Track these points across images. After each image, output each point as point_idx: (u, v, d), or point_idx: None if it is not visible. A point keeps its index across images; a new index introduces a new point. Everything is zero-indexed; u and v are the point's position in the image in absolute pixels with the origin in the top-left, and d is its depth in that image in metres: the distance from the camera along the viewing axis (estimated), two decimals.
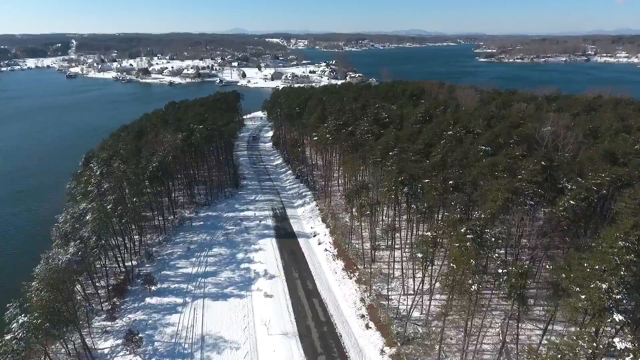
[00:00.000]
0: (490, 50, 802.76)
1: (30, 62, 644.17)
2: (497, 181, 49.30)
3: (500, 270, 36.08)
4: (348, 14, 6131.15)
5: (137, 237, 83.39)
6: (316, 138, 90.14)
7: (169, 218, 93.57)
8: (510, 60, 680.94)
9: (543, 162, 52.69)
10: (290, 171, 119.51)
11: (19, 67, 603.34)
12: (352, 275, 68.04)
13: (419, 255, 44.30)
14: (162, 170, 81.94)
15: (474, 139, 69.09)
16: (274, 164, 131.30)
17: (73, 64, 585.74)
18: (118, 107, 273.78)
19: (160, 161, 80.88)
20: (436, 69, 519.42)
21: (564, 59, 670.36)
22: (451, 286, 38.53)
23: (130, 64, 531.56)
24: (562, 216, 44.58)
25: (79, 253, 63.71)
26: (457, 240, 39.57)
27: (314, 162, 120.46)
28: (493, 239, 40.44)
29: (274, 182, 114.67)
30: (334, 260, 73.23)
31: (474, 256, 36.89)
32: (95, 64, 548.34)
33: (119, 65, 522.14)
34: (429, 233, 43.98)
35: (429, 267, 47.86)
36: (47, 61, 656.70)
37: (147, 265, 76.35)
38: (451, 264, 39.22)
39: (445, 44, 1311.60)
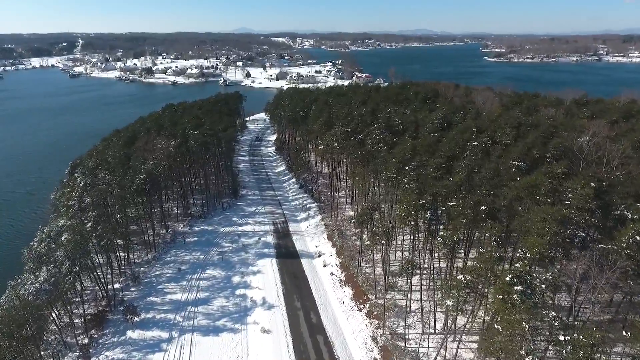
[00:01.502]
0: (498, 50, 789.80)
1: (35, 62, 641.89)
2: (540, 208, 40.53)
3: (561, 337, 27.54)
4: (354, 14, 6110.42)
5: (124, 254, 75.89)
6: (322, 147, 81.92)
7: (161, 232, 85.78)
8: (520, 60, 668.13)
9: (592, 184, 43.90)
10: (293, 179, 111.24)
11: (23, 66, 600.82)
12: (362, 306, 59.62)
13: (448, 303, 35.79)
14: (150, 183, 73.92)
15: (502, 151, 60.25)
16: (277, 170, 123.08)
17: (77, 64, 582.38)
18: (116, 108, 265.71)
19: (149, 172, 72.86)
20: (444, 69, 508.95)
21: (575, 59, 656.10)
22: (494, 353, 30.00)
23: (134, 64, 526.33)
24: (627, 255, 35.92)
25: (52, 280, 56.18)
26: (500, 291, 31.07)
27: (319, 170, 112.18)
28: (543, 286, 31.82)
29: (276, 191, 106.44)
30: (341, 287, 64.83)
31: (526, 316, 28.35)
32: (99, 64, 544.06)
33: (123, 65, 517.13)
34: (462, 277, 35.51)
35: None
36: (52, 60, 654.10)
37: (133, 289, 68.50)
38: (495, 325, 30.72)
39: (452, 43, 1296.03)
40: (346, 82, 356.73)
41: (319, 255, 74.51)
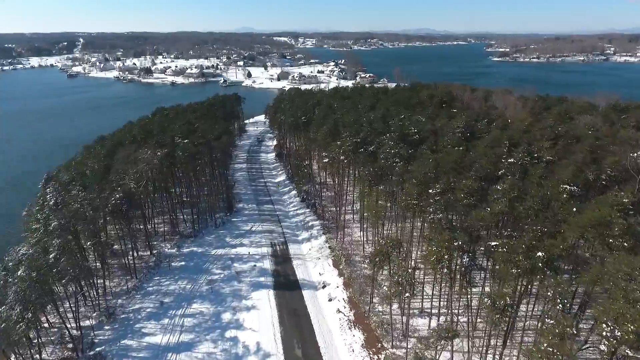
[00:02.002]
0: (503, 50, 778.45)
1: (34, 61, 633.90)
2: (619, 258, 30.21)
3: None
4: (356, 13, 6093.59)
5: (102, 280, 66.35)
6: (327, 160, 71.93)
7: (144, 255, 75.99)
8: (526, 59, 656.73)
9: None
10: (294, 191, 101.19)
11: (21, 65, 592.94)
12: (375, 357, 49.58)
13: None
14: (128, 202, 63.99)
15: (544, 170, 50.02)
16: (276, 180, 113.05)
17: (77, 63, 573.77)
18: (108, 110, 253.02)
19: (127, 192, 62.92)
20: (449, 69, 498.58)
21: (581, 59, 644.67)
22: None
23: (134, 63, 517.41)
24: None
25: (2, 325, 46.51)
26: None
27: (322, 180, 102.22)
28: None
29: (275, 205, 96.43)
30: (350, 328, 54.80)
31: None
32: (98, 63, 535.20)
33: (122, 65, 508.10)
34: None
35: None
36: (51, 60, 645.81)
37: (107, 327, 58.67)
38: None
39: (455, 43, 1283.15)
40: (350, 83, 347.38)
41: (324, 286, 64.50)
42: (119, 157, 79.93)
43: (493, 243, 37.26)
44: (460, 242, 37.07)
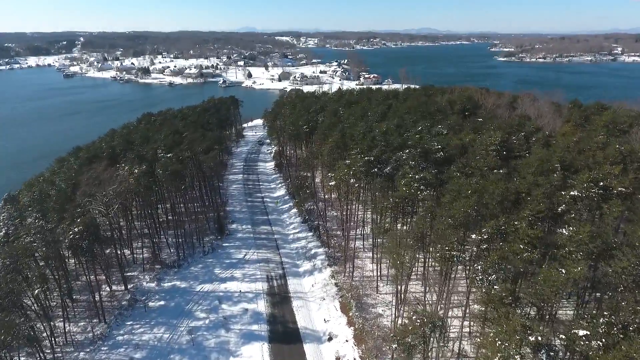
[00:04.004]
0: (509, 49, 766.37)
1: (32, 61, 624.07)
2: None
3: None
4: (359, 13, 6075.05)
5: (63, 323, 55.25)
6: (333, 182, 60.30)
7: (117, 292, 64.54)
8: (532, 59, 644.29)
9: None
10: (295, 210, 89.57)
11: (18, 65, 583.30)
12: None
13: None
14: (91, 236, 52.35)
15: (622, 207, 38.05)
16: (275, 195, 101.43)
17: (75, 63, 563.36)
18: (96, 114, 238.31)
19: (89, 224, 51.34)
20: (454, 69, 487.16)
21: (589, 59, 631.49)
22: None
23: (132, 63, 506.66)
24: None
25: None
26: None
27: (326, 196, 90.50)
28: None
29: (274, 226, 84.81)
30: None
31: None
32: (95, 63, 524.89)
33: (120, 64, 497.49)
34: None
35: None
36: (49, 59, 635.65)
37: None
38: None
39: (458, 42, 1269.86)
40: (353, 84, 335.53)
41: (330, 339, 52.88)
42: (92, 175, 68.54)
43: (581, 332, 25.51)
44: (537, 337, 25.22)
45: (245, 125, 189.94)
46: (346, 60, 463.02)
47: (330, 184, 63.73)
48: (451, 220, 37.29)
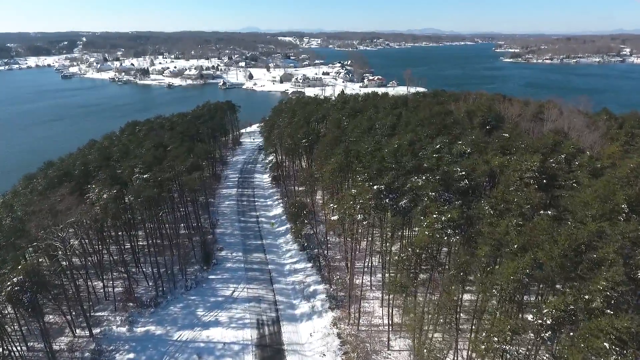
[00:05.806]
0: (514, 50, 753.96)
1: (32, 61, 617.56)
2: None
3: None
4: (362, 13, 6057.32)
5: None
6: (336, 217, 50.30)
7: (81, 339, 54.72)
8: (539, 61, 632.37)
9: None
10: (292, 234, 79.55)
11: (17, 66, 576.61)
12: None
13: None
14: (34, 287, 42.46)
15: None
16: (271, 214, 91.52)
17: (74, 63, 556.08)
18: (84, 120, 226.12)
19: (31, 272, 41.52)
20: (459, 71, 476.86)
21: (597, 60, 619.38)
22: None
23: (132, 64, 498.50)
24: None
25: None
26: None
27: (328, 215, 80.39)
28: None
29: (268, 253, 74.88)
30: None
31: None
32: (95, 63, 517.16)
33: (119, 65, 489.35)
34: None
35: None
36: (49, 60, 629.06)
37: None
38: None
39: (462, 43, 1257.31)
40: (357, 85, 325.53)
41: None
42: (55, 199, 58.72)
43: None
44: None
45: (243, 130, 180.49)
46: (349, 62, 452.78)
47: (332, 218, 53.83)
48: (496, 291, 27.23)
